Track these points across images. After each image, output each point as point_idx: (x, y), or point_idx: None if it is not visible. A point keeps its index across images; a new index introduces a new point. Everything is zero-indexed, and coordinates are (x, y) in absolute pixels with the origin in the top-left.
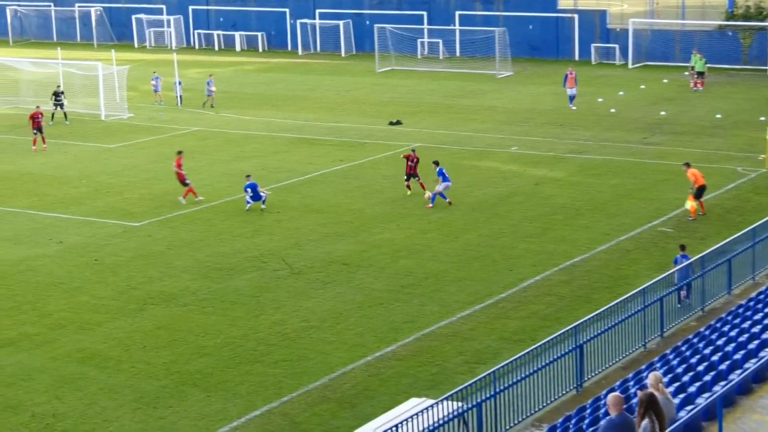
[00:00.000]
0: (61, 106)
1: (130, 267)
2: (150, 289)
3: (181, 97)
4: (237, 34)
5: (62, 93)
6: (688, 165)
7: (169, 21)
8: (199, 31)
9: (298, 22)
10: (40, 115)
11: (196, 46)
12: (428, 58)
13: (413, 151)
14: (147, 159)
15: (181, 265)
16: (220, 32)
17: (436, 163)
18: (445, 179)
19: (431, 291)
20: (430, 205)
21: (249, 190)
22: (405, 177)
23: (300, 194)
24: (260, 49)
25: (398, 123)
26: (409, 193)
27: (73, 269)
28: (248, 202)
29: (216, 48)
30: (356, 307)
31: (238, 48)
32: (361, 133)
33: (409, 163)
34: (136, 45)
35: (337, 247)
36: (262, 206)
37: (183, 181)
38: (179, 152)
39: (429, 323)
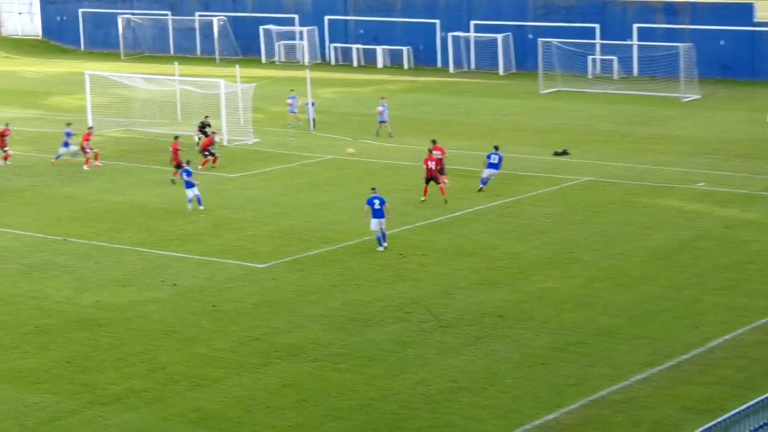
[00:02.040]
0: (206, 135)
1: (252, 315)
2: (275, 340)
3: (314, 120)
4: (379, 49)
5: (209, 125)
6: None
7: (301, 33)
8: (336, 44)
9: (450, 35)
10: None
11: (332, 62)
12: (600, 78)
13: (432, 150)
14: (274, 191)
15: (311, 314)
16: (360, 46)
17: (496, 147)
18: (491, 166)
19: (601, 350)
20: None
21: (376, 202)
22: (425, 181)
23: (449, 234)
24: (405, 66)
25: (564, 153)
26: (424, 198)
27: (187, 316)
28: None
29: (355, 64)
30: (513, 367)
31: (380, 64)
32: (521, 164)
33: (430, 165)
34: (263, 60)
35: (491, 297)
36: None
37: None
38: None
39: (598, 387)
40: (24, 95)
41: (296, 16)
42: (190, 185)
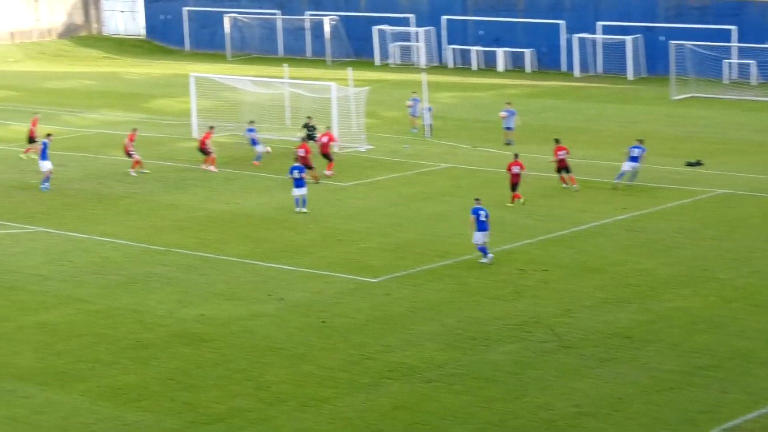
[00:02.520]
0: (313, 139)
1: (364, 332)
2: (387, 359)
3: (430, 126)
4: (500, 51)
5: (314, 127)
6: None
7: (417, 34)
8: (454, 46)
9: (575, 36)
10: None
11: (450, 65)
12: (737, 84)
13: (516, 156)
14: (387, 201)
15: (426, 332)
16: (480, 48)
17: (640, 141)
18: (632, 159)
19: (735, 374)
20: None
21: (482, 213)
22: (511, 188)
23: (573, 249)
24: (528, 69)
25: (698, 164)
26: (511, 204)
27: (295, 332)
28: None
29: (474, 67)
30: (641, 391)
31: (500, 67)
32: (651, 175)
33: (513, 171)
34: (377, 62)
35: (618, 317)
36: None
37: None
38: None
39: (732, 415)
40: (125, 98)
41: (412, 16)
42: (300, 184)
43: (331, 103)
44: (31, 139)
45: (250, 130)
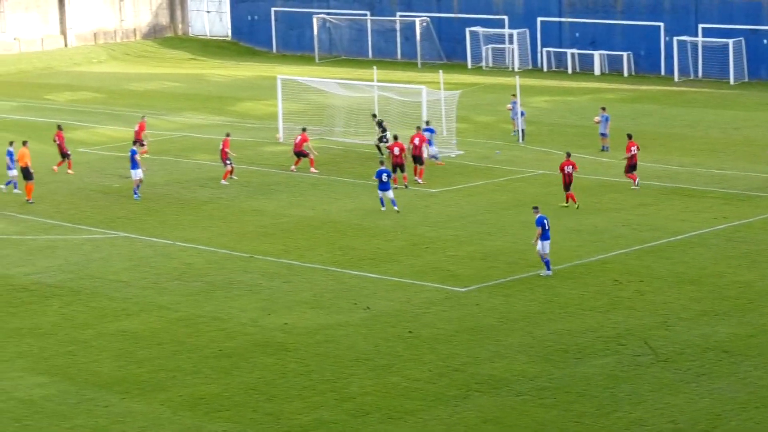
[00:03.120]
0: (385, 139)
1: (452, 343)
2: (476, 371)
3: (523, 131)
4: (596, 54)
5: (384, 128)
6: None
7: (511, 36)
8: (549, 48)
9: (676, 39)
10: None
11: (544, 68)
12: None
13: (569, 155)
14: (478, 208)
15: (516, 344)
16: (575, 51)
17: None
18: None
19: None
20: None
21: (546, 222)
22: (564, 188)
23: (669, 260)
24: (625, 74)
25: None
26: (565, 204)
27: (381, 342)
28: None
29: (569, 71)
30: (739, 408)
31: (597, 71)
32: (752, 183)
33: (566, 170)
34: (469, 65)
35: (716, 330)
36: None
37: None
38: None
39: None
40: (211, 100)
41: (506, 18)
42: (385, 187)
43: (421, 106)
44: (139, 142)
45: (428, 131)
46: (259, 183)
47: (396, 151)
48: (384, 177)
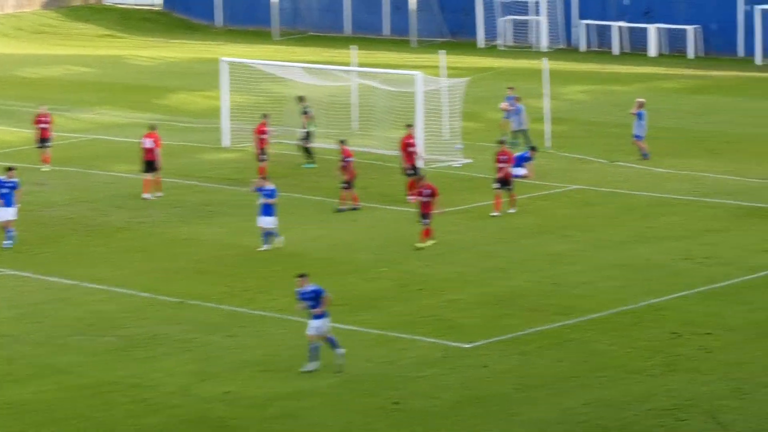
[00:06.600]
0: (308, 136)
1: (451, 418)
2: None
3: (524, 132)
4: (652, 28)
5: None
6: None
7: (537, 4)
8: (588, 21)
9: (758, 9)
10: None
11: (582, 47)
12: None
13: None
14: (488, 235)
15: (539, 419)
16: (623, 24)
17: None
18: None
19: None
20: None
21: None
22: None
23: (746, 305)
24: (690, 55)
25: None
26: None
27: (356, 418)
28: None
29: (615, 51)
30: None
31: (652, 51)
32: None
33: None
34: (480, 43)
35: None
36: None
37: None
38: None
39: None
40: (132, 91)
41: None
42: (268, 211)
43: (415, 99)
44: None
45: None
46: (195, 203)
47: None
48: (262, 199)
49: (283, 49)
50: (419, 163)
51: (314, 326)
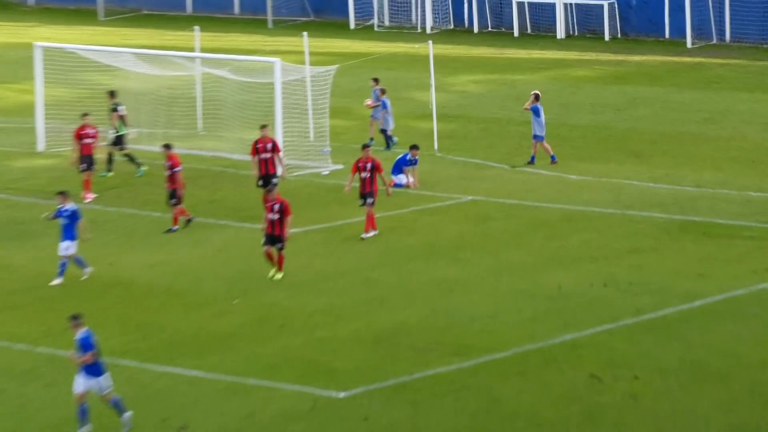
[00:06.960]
0: (119, 140)
1: None
2: None
3: (386, 133)
4: (559, 4)
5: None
6: None
7: None
8: None
9: None
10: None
11: (475, 28)
12: None
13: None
14: (365, 259)
15: None
16: None
17: None
18: None
19: None
20: None
21: None
22: None
23: (681, 341)
24: (606, 35)
25: None
26: None
27: None
28: None
29: (515, 32)
30: None
31: (560, 33)
32: None
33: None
34: (352, 24)
35: None
36: None
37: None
38: None
39: None
40: None
41: None
42: (69, 233)
43: (274, 92)
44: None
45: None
46: (3, 220)
47: (175, 169)
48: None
49: (111, 31)
50: (278, 171)
51: (84, 384)
